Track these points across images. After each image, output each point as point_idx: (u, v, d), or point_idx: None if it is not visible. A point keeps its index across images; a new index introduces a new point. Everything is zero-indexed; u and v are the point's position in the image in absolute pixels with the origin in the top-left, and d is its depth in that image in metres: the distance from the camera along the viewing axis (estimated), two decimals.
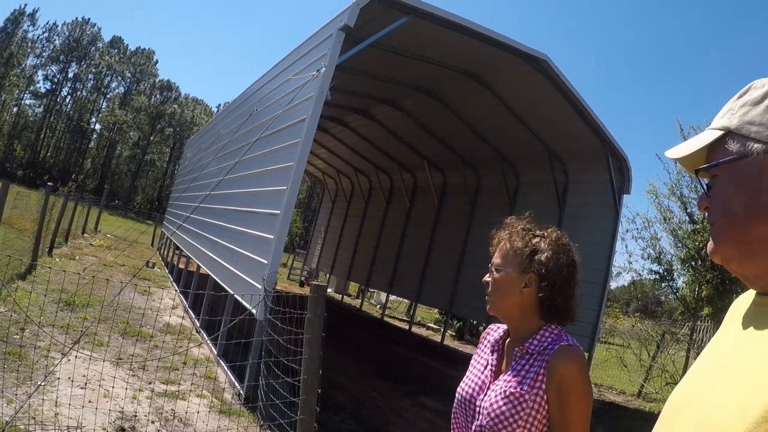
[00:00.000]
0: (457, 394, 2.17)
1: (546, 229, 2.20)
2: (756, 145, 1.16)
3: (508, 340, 2.18)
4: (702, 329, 14.82)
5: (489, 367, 2.13)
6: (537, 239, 2.15)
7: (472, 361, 2.26)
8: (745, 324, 1.21)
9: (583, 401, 1.94)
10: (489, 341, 2.25)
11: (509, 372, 2.03)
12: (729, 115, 1.23)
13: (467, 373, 2.22)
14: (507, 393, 1.96)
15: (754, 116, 1.18)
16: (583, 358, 1.99)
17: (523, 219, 2.24)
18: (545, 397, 1.92)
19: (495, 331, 2.27)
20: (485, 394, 2.03)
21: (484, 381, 2.09)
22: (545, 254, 2.09)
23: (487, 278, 2.19)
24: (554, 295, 2.06)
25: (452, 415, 2.18)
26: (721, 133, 1.23)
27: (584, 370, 1.96)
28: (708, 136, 1.26)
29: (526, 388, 1.94)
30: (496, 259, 2.19)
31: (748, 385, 1.03)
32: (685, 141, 1.37)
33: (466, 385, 2.15)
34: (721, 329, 1.38)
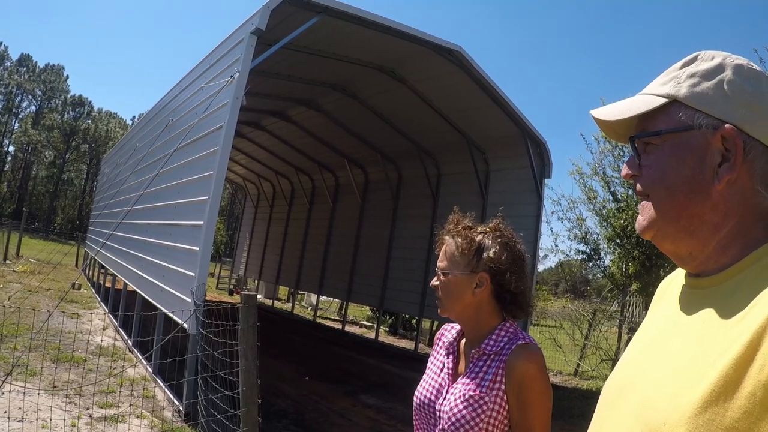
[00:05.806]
0: (414, 399, 2.12)
1: (488, 224, 2.15)
2: (704, 119, 1.11)
3: (463, 341, 2.14)
4: (631, 304, 15.18)
5: (445, 369, 2.09)
6: (481, 236, 2.09)
7: (429, 364, 2.22)
8: (679, 306, 1.18)
9: (543, 399, 1.90)
10: (443, 343, 2.20)
11: (467, 374, 1.99)
12: (674, 83, 1.16)
13: (424, 375, 2.17)
14: (466, 396, 1.92)
15: (705, 89, 1.12)
16: (541, 356, 1.97)
17: (465, 217, 2.18)
18: (505, 398, 1.89)
19: (449, 332, 2.23)
20: (444, 398, 1.99)
21: (442, 384, 2.05)
22: (492, 251, 2.04)
23: (435, 282, 2.13)
24: (511, 289, 2.03)
25: (414, 420, 2.13)
26: (664, 100, 1.16)
27: (543, 368, 1.93)
28: (648, 101, 1.18)
29: (485, 390, 1.91)
30: (441, 262, 2.12)
31: (687, 369, 1.01)
32: (612, 104, 1.27)
33: (423, 389, 2.10)
34: (651, 312, 1.35)
